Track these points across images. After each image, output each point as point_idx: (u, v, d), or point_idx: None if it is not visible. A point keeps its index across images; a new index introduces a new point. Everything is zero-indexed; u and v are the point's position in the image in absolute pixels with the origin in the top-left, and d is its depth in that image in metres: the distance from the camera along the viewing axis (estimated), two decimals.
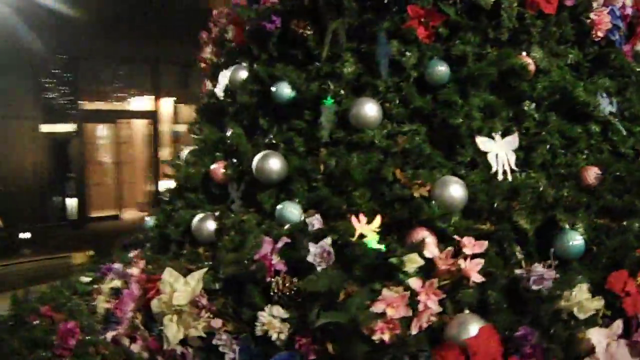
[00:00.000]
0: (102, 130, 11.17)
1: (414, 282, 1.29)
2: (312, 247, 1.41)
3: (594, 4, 1.78)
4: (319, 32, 1.80)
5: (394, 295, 1.28)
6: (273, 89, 1.81)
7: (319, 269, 1.40)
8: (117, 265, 2.20)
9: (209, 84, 2.52)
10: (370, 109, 1.64)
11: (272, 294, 1.45)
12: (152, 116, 10.08)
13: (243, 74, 1.99)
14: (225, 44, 2.24)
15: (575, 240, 1.41)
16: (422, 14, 1.69)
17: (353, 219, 1.47)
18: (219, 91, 2.16)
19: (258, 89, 1.92)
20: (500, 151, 1.57)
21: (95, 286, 2.46)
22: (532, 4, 1.68)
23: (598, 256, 1.40)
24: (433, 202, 1.46)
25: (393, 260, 1.34)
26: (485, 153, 1.58)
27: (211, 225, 1.81)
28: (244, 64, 2.02)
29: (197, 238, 1.83)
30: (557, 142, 1.60)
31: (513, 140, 1.58)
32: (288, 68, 1.81)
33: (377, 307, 1.28)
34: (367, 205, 1.52)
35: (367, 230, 1.46)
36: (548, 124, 1.61)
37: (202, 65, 2.49)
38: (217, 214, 1.84)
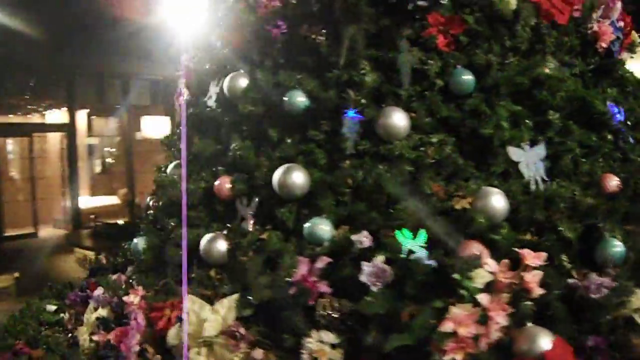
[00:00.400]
0: (14, 145, 10.23)
1: (484, 298, 1.24)
2: (366, 267, 1.31)
3: (594, 15, 1.85)
4: (331, 38, 1.72)
5: (463, 313, 1.22)
6: (285, 97, 1.70)
7: (374, 289, 1.31)
8: (99, 292, 1.96)
9: (185, 93, 2.34)
10: (398, 119, 1.57)
11: (317, 318, 1.34)
12: (67, 129, 9.36)
13: (243, 82, 1.85)
14: (213, 49, 2.09)
15: (617, 247, 1.43)
16: (443, 22, 1.67)
17: (399, 234, 1.40)
18: (211, 101, 2.00)
19: (261, 98, 1.80)
20: (530, 161, 1.57)
21: (63, 315, 2.21)
22: (547, 14, 1.71)
23: (638, 262, 1.43)
24: (478, 214, 1.42)
25: (456, 275, 1.28)
26: (516, 163, 1.57)
27: (222, 245, 1.65)
28: (242, 71, 1.89)
29: (206, 260, 1.66)
30: (578, 150, 1.63)
31: (541, 149, 1.59)
32: (301, 76, 1.70)
33: (446, 327, 1.21)
34: (411, 219, 1.45)
35: (415, 246, 1.39)
36: (570, 132, 1.63)
37: (180, 72, 2.31)
38: (225, 232, 1.69)
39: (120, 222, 8.31)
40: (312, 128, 1.68)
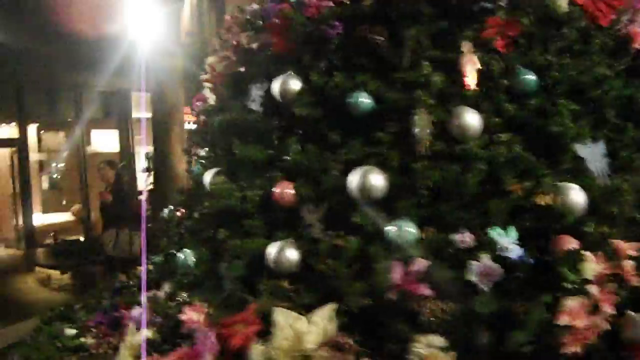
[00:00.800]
0: None
1: (595, 289, 1.26)
2: (475, 266, 1.30)
3: (624, 18, 1.94)
4: (391, 39, 1.71)
5: (576, 305, 1.24)
6: (350, 99, 1.67)
7: (484, 288, 1.30)
8: (138, 312, 1.85)
9: (211, 97, 2.27)
10: (472, 119, 1.58)
11: (422, 321, 1.32)
12: (17, 144, 8.80)
13: (295, 84, 1.81)
14: (250, 52, 2.03)
15: None
16: (501, 23, 1.70)
17: (492, 232, 1.40)
18: (255, 105, 1.93)
19: (317, 100, 1.76)
20: (595, 157, 1.62)
21: (84, 339, 2.06)
22: (592, 16, 1.78)
23: None
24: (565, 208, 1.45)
25: (564, 269, 1.29)
26: (583, 159, 1.61)
27: (292, 254, 1.59)
28: (291, 73, 1.84)
29: (275, 270, 1.60)
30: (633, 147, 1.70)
31: (602, 146, 1.64)
32: (364, 76, 1.68)
33: (562, 320, 1.23)
34: (499, 218, 1.45)
35: (510, 243, 1.39)
36: (623, 129, 1.70)
37: (207, 76, 2.24)
38: (291, 240, 1.63)
39: (82, 238, 7.89)
40: (378, 130, 1.66)
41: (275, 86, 1.83)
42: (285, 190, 1.69)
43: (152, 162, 7.18)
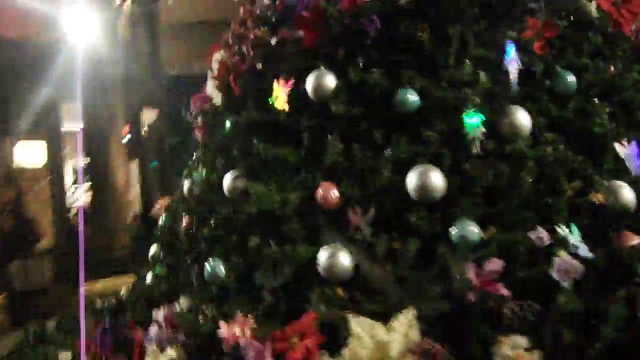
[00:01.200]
0: None
1: None
2: (559, 263, 1.27)
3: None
4: (435, 36, 1.67)
5: None
6: (397, 96, 1.61)
7: (566, 285, 1.27)
8: (155, 331, 1.66)
9: (217, 97, 2.12)
10: (523, 118, 1.57)
11: (504, 322, 1.27)
12: None
13: (330, 81, 1.72)
14: (269, 47, 1.91)
15: None
16: (539, 26, 1.71)
17: (561, 230, 1.38)
18: (281, 103, 1.81)
19: (356, 98, 1.68)
20: (630, 157, 1.66)
21: None
22: (615, 23, 1.85)
23: None
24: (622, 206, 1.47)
25: (636, 264, 1.29)
26: (622, 159, 1.65)
27: (345, 259, 1.49)
28: (323, 69, 1.74)
29: (327, 277, 1.49)
30: None
31: (636, 147, 1.69)
32: (409, 74, 1.63)
33: None
34: (561, 216, 1.44)
35: (577, 241, 1.38)
36: None
37: (215, 73, 2.09)
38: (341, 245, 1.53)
39: None
40: (425, 128, 1.61)
41: (308, 83, 1.73)
42: (329, 192, 1.59)
43: (87, 175, 6.71)
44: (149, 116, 10.66)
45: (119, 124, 7.71)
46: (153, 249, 2.47)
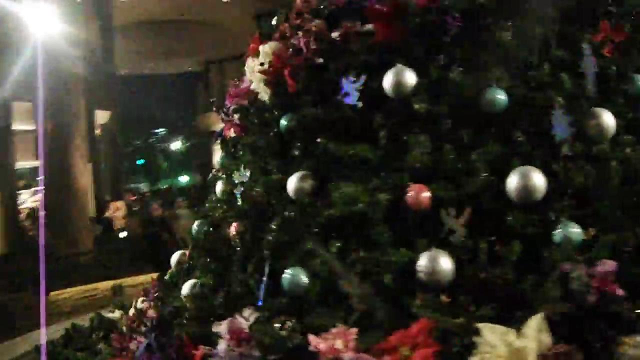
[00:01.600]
0: None
1: None
2: None
3: None
4: (518, 35, 1.65)
5: None
6: (487, 95, 1.57)
7: None
8: (224, 348, 1.53)
9: (264, 92, 2.01)
10: (609, 120, 1.58)
11: (625, 323, 1.25)
12: None
13: (410, 78, 1.65)
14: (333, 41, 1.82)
15: None
16: (610, 30, 1.73)
17: None
18: (352, 99, 1.73)
19: (440, 95, 1.63)
20: None
21: None
22: None
23: None
24: None
25: None
26: None
27: (446, 263, 1.43)
28: (400, 65, 1.68)
29: (428, 283, 1.42)
30: None
31: None
32: (497, 73, 1.59)
33: None
34: None
35: None
36: None
37: (255, 68, 1.97)
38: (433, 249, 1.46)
39: None
40: (513, 128, 1.58)
41: (387, 79, 1.66)
42: (421, 193, 1.52)
43: (45, 177, 6.31)
44: (102, 117, 10.18)
45: (79, 124, 7.27)
46: (175, 256, 2.31)
